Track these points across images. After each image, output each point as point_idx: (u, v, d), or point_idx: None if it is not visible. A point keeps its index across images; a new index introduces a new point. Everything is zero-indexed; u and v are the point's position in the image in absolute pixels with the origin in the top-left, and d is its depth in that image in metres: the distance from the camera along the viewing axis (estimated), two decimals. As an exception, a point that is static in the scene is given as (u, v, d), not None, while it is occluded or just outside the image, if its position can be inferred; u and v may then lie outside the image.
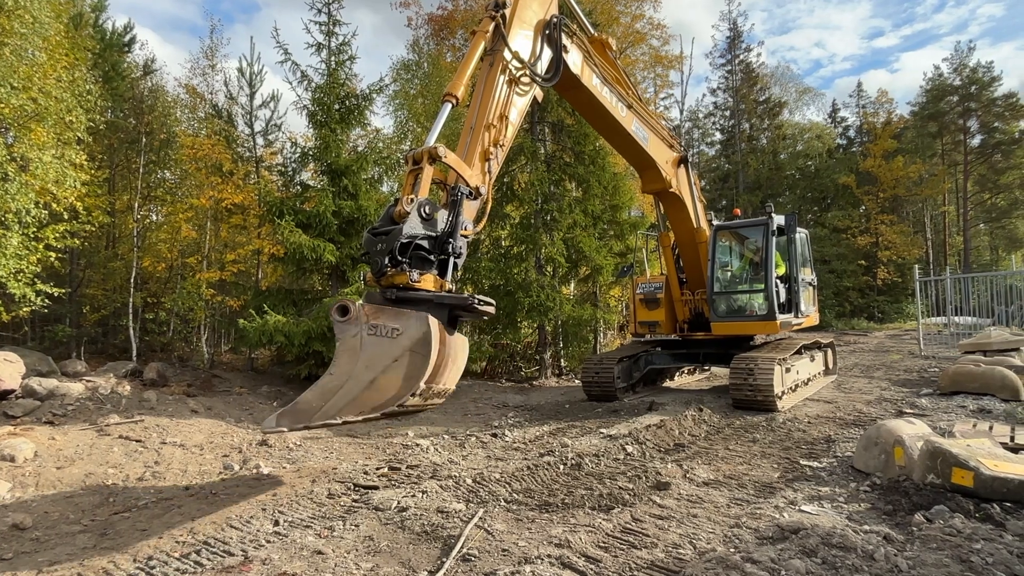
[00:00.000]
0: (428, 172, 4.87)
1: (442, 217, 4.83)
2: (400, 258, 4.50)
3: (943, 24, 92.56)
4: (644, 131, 8.85)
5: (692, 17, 66.78)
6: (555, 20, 6.58)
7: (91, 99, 11.42)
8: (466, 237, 5.04)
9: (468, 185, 5.13)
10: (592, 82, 7.53)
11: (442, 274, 4.82)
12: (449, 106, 5.44)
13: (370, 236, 4.69)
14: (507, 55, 5.91)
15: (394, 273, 4.52)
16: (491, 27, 5.85)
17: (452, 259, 4.83)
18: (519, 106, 6.13)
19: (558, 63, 6.54)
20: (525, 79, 6.15)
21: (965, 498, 4.22)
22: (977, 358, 10.89)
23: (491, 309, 4.85)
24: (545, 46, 6.52)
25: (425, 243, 4.69)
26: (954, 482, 4.34)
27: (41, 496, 5.62)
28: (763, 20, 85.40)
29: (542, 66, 6.47)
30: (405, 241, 4.51)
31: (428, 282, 4.66)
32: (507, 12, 5.99)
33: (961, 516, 4.00)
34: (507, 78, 5.94)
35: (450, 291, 4.84)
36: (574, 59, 7.09)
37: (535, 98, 6.48)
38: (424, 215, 4.67)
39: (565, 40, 6.71)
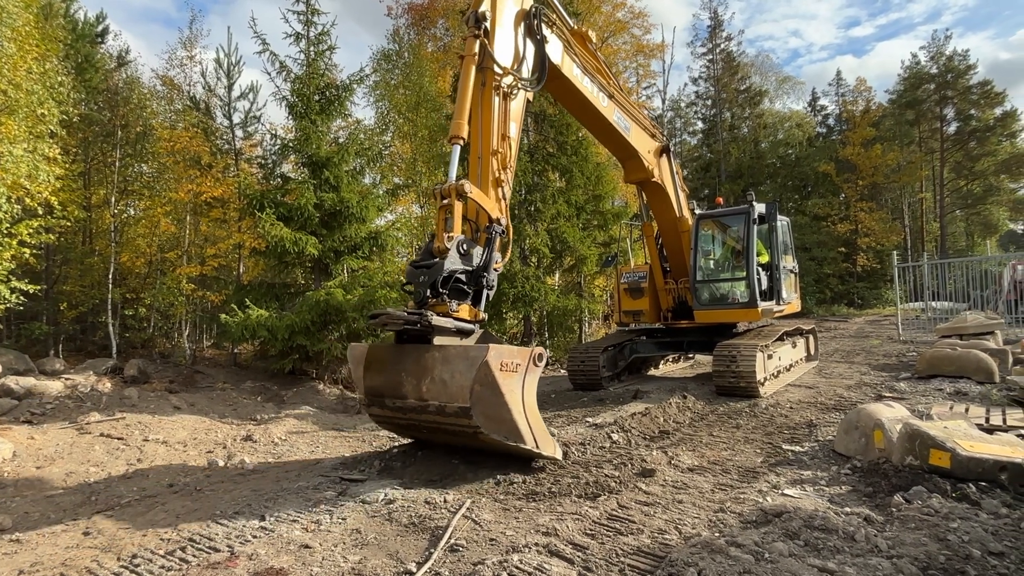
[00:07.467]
0: (459, 208, 5.31)
1: (477, 253, 5.41)
2: (441, 290, 5.07)
3: (917, 14, 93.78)
4: (626, 121, 8.86)
5: (664, 6, 66.62)
6: (534, 9, 6.55)
7: (63, 91, 11.14)
8: (497, 270, 5.67)
9: (492, 220, 5.65)
10: (573, 72, 7.53)
11: (476, 304, 5.45)
12: (458, 148, 5.68)
13: (412, 268, 5.28)
14: (498, 71, 5.98)
15: (436, 303, 5.12)
16: (476, 47, 5.88)
17: (486, 291, 5.48)
18: (516, 117, 6.24)
19: (542, 58, 6.53)
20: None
21: (942, 479, 4.31)
22: (954, 342, 11.09)
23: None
24: (527, 41, 6.50)
25: (463, 276, 5.27)
26: (932, 463, 4.44)
27: (21, 496, 5.53)
28: (741, 9, 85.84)
29: (528, 66, 6.48)
30: (446, 275, 5.09)
31: (465, 311, 5.28)
32: (488, 25, 5.96)
33: (938, 496, 4.09)
34: (501, 94, 6.05)
35: (482, 320, 5.48)
36: (554, 48, 7.06)
37: (527, 100, 6.58)
38: (462, 251, 5.25)
39: (545, 30, 6.70)
